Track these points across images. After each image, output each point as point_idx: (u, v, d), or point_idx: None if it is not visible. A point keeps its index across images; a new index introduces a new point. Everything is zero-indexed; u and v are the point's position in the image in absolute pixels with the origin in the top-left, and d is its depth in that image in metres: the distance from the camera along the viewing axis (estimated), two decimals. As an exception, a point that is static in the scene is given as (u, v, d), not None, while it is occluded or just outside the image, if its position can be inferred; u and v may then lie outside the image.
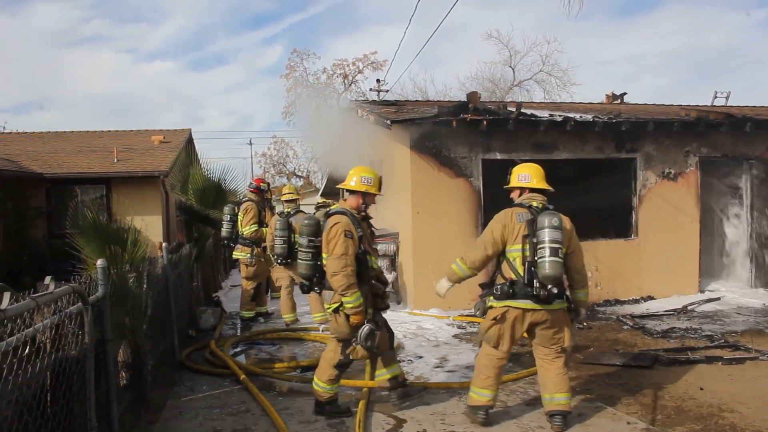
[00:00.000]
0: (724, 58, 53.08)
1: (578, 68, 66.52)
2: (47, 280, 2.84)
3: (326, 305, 4.58)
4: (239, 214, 8.57)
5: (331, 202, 9.04)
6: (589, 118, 9.27)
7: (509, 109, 9.45)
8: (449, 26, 65.20)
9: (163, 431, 4.45)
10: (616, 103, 13.61)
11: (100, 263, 3.74)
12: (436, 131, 8.78)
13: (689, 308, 8.63)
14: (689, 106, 12.32)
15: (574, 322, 4.41)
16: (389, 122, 8.77)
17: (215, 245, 11.03)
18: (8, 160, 13.14)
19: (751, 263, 10.17)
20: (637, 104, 13.47)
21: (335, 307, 4.45)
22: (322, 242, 4.53)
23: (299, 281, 6.66)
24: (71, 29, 66.47)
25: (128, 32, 67.17)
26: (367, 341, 4.38)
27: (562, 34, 56.96)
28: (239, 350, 6.86)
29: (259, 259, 8.36)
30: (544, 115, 9.30)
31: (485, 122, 8.64)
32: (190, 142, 17.27)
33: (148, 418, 4.61)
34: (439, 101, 17.71)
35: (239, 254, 8.52)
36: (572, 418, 4.34)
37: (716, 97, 13.23)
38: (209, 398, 5.13)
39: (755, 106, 12.96)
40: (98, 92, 66.27)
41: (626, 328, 7.64)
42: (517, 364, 5.79)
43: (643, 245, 9.60)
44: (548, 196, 4.45)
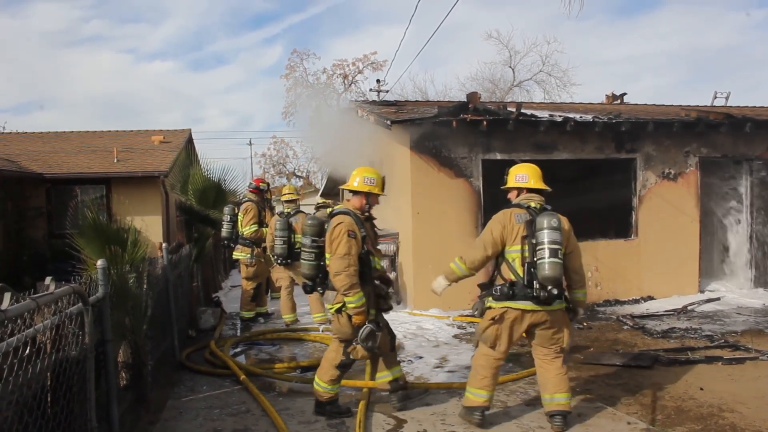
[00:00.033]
0: (724, 58, 53.17)
1: (578, 68, 66.57)
2: (47, 280, 2.84)
3: (329, 305, 4.58)
4: (239, 214, 8.57)
5: (331, 202, 9.07)
6: (589, 118, 9.27)
7: (509, 109, 9.44)
8: (449, 26, 65.34)
9: (163, 431, 4.45)
10: (616, 103, 13.61)
11: (100, 263, 3.74)
12: (436, 131, 8.78)
13: (689, 308, 8.63)
14: (689, 106, 12.32)
15: (572, 322, 4.42)
16: (389, 122, 8.77)
17: (215, 245, 11.03)
18: (8, 160, 13.14)
19: (750, 263, 10.17)
20: (637, 104, 13.49)
21: (338, 307, 4.44)
22: (325, 242, 4.53)
23: (299, 281, 6.69)
24: (71, 29, 66.53)
25: (128, 32, 67.26)
26: (367, 341, 4.38)
27: (562, 34, 57.00)
28: (239, 350, 6.86)
29: (259, 259, 8.37)
30: (544, 115, 9.30)
31: (485, 122, 8.64)
32: (190, 142, 17.27)
33: (148, 418, 4.61)
34: (439, 101, 17.71)
35: (239, 254, 8.53)
36: (572, 418, 4.34)
37: (716, 97, 13.24)
38: (209, 399, 5.13)
39: (755, 106, 12.97)
40: (98, 92, 66.35)
41: (626, 328, 7.64)
42: (516, 364, 5.79)
43: (643, 245, 9.60)
44: (547, 196, 4.45)
